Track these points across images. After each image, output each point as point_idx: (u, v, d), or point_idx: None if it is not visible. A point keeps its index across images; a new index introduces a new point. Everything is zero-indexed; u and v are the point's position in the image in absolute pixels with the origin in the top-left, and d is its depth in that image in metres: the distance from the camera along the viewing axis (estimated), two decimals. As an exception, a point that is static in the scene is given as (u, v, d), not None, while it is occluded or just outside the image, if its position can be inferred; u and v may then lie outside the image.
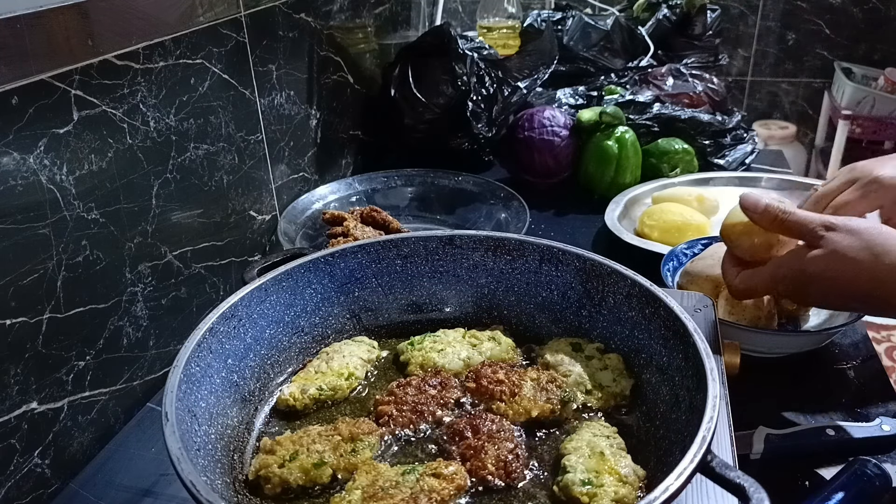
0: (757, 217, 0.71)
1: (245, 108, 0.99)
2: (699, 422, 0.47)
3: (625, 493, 0.51)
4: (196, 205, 0.89)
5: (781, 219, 0.69)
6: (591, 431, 0.58)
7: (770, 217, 0.70)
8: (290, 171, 1.14)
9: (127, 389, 0.80)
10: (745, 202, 0.72)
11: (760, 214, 0.70)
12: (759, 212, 0.70)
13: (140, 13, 0.76)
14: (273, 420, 0.63)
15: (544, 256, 0.70)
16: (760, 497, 0.43)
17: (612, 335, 0.67)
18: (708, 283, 0.84)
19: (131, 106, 0.76)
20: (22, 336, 0.65)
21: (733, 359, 0.65)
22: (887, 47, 2.85)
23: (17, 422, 0.65)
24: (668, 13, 1.74)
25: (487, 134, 1.35)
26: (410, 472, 0.53)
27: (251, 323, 0.64)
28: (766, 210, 0.70)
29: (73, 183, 0.69)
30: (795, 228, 0.68)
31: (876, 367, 0.83)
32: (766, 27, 2.93)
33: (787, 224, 0.69)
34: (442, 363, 0.67)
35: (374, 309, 0.73)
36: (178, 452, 0.46)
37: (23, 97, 0.63)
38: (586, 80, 1.58)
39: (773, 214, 0.69)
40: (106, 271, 0.75)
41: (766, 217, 0.70)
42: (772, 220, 0.70)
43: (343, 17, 1.27)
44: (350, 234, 0.96)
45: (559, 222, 1.22)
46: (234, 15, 0.93)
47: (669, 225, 1.08)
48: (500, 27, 1.72)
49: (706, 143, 1.33)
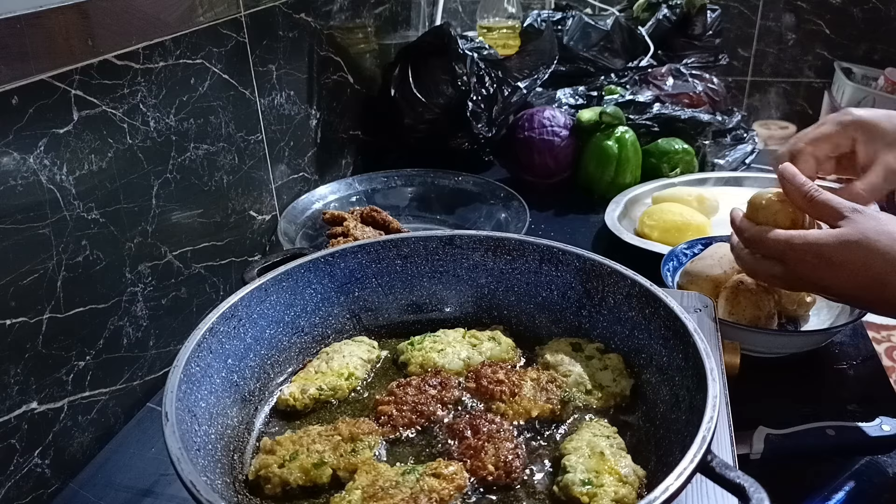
0: (791, 188, 0.71)
1: (245, 108, 0.99)
2: (699, 422, 0.47)
3: (625, 493, 0.51)
4: (196, 205, 0.89)
5: (812, 195, 0.70)
6: (591, 431, 0.58)
7: (802, 191, 0.71)
8: (290, 171, 1.14)
9: (127, 389, 0.80)
10: (784, 171, 0.72)
11: (796, 187, 0.71)
12: (795, 183, 0.71)
13: (140, 13, 0.76)
14: (273, 420, 0.63)
15: (544, 256, 0.70)
16: (760, 497, 0.43)
17: (612, 335, 0.67)
18: (708, 283, 0.84)
19: (131, 106, 0.76)
20: (22, 336, 0.65)
21: (733, 359, 0.65)
22: (887, 47, 2.85)
23: (17, 422, 0.65)
24: (668, 13, 1.74)
25: (487, 134, 1.34)
26: (410, 472, 0.53)
27: (251, 323, 0.64)
28: (801, 185, 0.71)
29: (73, 183, 0.69)
30: (823, 207, 0.69)
31: (876, 367, 0.83)
32: (766, 27, 2.93)
33: (815, 201, 0.70)
34: (442, 363, 0.67)
35: (374, 309, 0.73)
36: (178, 452, 0.46)
37: (23, 97, 0.63)
38: (586, 80, 1.58)
39: (806, 189, 0.70)
40: (106, 271, 0.75)
41: (800, 191, 0.71)
42: (803, 195, 0.71)
43: (343, 17, 1.27)
44: (350, 234, 0.96)
45: (559, 222, 1.22)
46: (234, 15, 0.93)
47: (669, 225, 1.08)
48: (500, 27, 1.72)
49: (706, 143, 1.33)
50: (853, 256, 0.65)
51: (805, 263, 0.68)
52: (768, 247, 0.71)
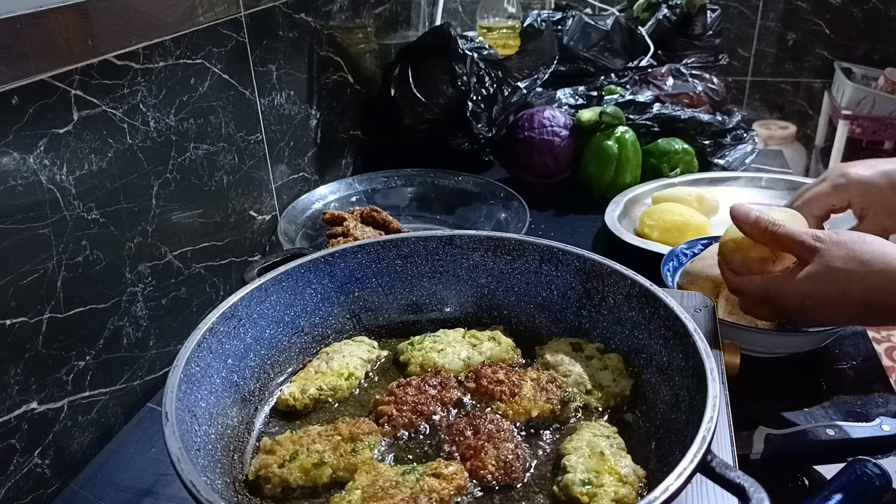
0: (748, 228, 0.71)
1: (245, 108, 0.99)
2: (699, 422, 0.47)
3: (625, 493, 0.51)
4: (196, 205, 0.89)
5: (772, 230, 0.70)
6: (591, 431, 0.58)
7: (760, 228, 0.70)
8: (290, 171, 1.14)
9: (127, 389, 0.80)
10: (736, 213, 0.72)
11: (751, 225, 0.71)
12: (749, 223, 0.71)
13: (140, 13, 0.76)
14: (273, 420, 0.63)
15: (544, 256, 0.70)
16: (760, 497, 0.43)
17: (612, 335, 0.67)
18: (708, 283, 0.84)
19: (131, 106, 0.76)
20: (22, 336, 0.65)
21: (733, 359, 0.65)
22: (887, 47, 2.85)
23: (17, 422, 0.65)
24: (668, 13, 1.74)
25: (487, 134, 1.35)
26: (410, 472, 0.53)
27: (251, 323, 0.64)
28: (756, 221, 0.70)
29: (73, 183, 0.69)
30: (786, 240, 0.69)
31: (876, 367, 0.83)
32: (766, 27, 2.93)
33: (777, 236, 0.69)
34: (442, 363, 0.67)
35: (374, 309, 0.73)
36: (178, 452, 0.46)
37: (23, 97, 0.63)
38: (586, 80, 1.58)
39: (764, 226, 0.70)
40: (106, 271, 0.75)
41: (757, 229, 0.70)
42: (762, 232, 0.70)
43: (343, 17, 1.27)
44: (350, 234, 0.96)
45: (559, 222, 1.22)
46: (234, 15, 0.93)
47: (669, 225, 1.08)
48: (500, 27, 1.72)
49: (706, 143, 1.33)
50: (831, 290, 0.65)
51: (789, 305, 0.69)
52: (749, 296, 0.73)
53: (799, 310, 0.69)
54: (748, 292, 0.73)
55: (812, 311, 0.68)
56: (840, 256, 0.65)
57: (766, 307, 0.72)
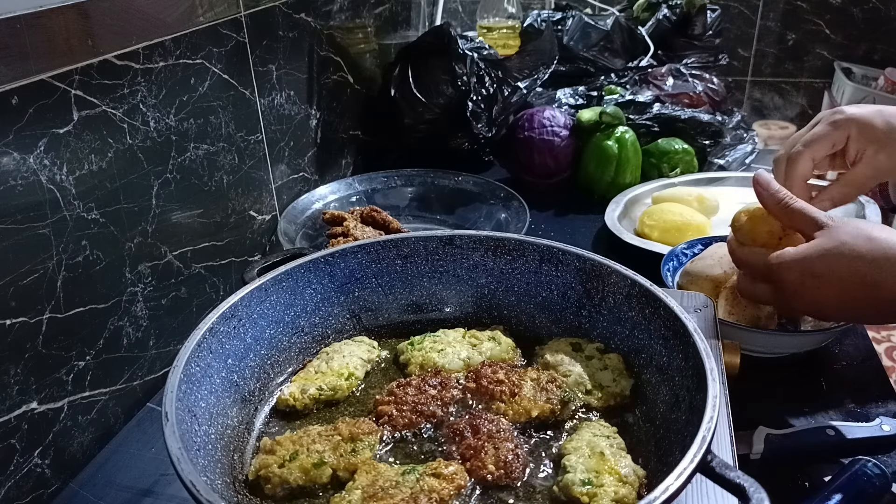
0: (766, 196, 0.72)
1: (245, 108, 0.99)
2: (699, 422, 0.47)
3: (625, 493, 0.51)
4: (196, 205, 0.89)
5: (786, 203, 0.70)
6: (591, 431, 0.58)
7: (777, 199, 0.71)
8: (290, 171, 1.14)
9: (127, 389, 0.80)
10: (759, 178, 0.72)
11: (770, 194, 0.71)
12: (769, 191, 0.71)
13: (140, 13, 0.76)
14: (273, 420, 0.63)
15: (544, 256, 0.70)
16: (760, 497, 0.43)
17: (612, 335, 0.67)
18: (708, 283, 0.84)
19: (131, 106, 0.76)
20: (22, 336, 0.65)
21: (733, 359, 0.65)
22: (887, 47, 2.85)
23: (17, 422, 0.65)
24: (668, 13, 1.74)
25: (487, 134, 1.34)
26: (410, 472, 0.53)
27: (251, 323, 0.64)
28: (776, 192, 0.71)
29: (73, 183, 0.69)
30: (798, 215, 0.70)
31: (876, 367, 0.83)
32: (766, 27, 2.93)
33: (790, 209, 0.70)
34: (442, 363, 0.67)
35: (374, 309, 0.73)
36: (178, 452, 0.46)
37: (23, 97, 0.63)
38: (586, 80, 1.58)
39: (780, 197, 0.71)
40: (106, 271, 0.75)
41: (774, 199, 0.71)
42: (777, 203, 0.71)
43: (343, 17, 1.27)
44: (350, 234, 0.96)
45: (559, 222, 1.22)
46: (234, 15, 0.93)
47: (669, 225, 1.08)
48: (500, 27, 1.72)
49: (706, 143, 1.33)
50: (836, 264, 0.65)
51: (790, 281, 0.67)
52: (752, 267, 0.72)
53: (799, 289, 0.67)
54: (751, 262, 0.72)
55: (811, 291, 0.67)
56: (849, 232, 0.66)
57: (765, 287, 0.71)
